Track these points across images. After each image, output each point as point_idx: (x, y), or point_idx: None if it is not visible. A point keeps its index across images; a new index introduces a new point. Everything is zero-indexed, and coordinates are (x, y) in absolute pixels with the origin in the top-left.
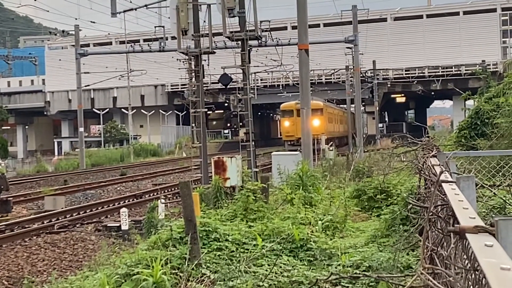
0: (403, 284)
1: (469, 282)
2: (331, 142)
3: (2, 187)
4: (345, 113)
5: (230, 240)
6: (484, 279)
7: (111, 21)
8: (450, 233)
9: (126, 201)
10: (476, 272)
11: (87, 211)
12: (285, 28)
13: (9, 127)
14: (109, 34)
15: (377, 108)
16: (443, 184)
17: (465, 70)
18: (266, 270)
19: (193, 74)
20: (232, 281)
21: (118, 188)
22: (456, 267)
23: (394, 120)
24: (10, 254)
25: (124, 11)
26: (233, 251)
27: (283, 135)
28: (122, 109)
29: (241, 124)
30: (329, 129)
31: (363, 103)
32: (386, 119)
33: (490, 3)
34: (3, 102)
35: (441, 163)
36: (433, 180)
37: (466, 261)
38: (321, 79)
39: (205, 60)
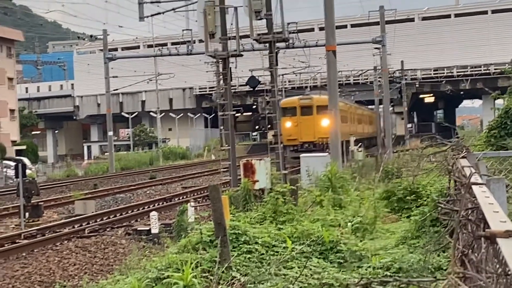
0: (433, 287)
1: (501, 287)
2: (360, 143)
3: (33, 192)
4: (364, 111)
5: (259, 242)
6: None
7: (138, 25)
8: (480, 237)
9: (156, 204)
10: (508, 277)
11: (117, 215)
12: (312, 29)
13: (39, 132)
14: (137, 38)
15: (406, 109)
16: (473, 186)
17: (494, 69)
18: (296, 273)
19: (221, 76)
20: (262, 283)
21: (148, 192)
22: (487, 271)
23: (423, 120)
24: (41, 258)
25: (152, 15)
26: (263, 254)
27: (283, 138)
28: (151, 113)
29: (269, 126)
30: (344, 130)
31: (391, 104)
32: (415, 119)
33: None
34: (33, 107)
35: (471, 164)
36: (463, 182)
37: (498, 266)
38: (349, 80)
39: (232, 63)
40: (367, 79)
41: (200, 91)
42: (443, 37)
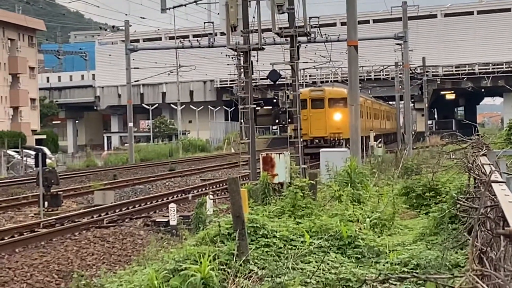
0: (450, 284)
1: None
2: (380, 139)
3: (53, 181)
4: (382, 106)
5: (277, 236)
6: None
7: (160, 16)
8: (499, 235)
9: (175, 196)
10: None
11: (136, 206)
12: (334, 24)
13: (59, 122)
14: (158, 29)
15: (426, 105)
16: (493, 184)
17: None
18: (314, 267)
19: (242, 70)
20: (280, 277)
21: (167, 183)
22: (505, 269)
23: (444, 117)
24: (60, 248)
25: (174, 7)
26: (280, 248)
27: (291, 133)
28: (171, 105)
29: (289, 120)
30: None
31: (412, 100)
32: (436, 116)
33: None
34: (54, 97)
35: (491, 162)
36: (483, 179)
37: None
38: (370, 76)
39: (254, 56)
40: (388, 74)
41: (221, 84)
42: (466, 34)
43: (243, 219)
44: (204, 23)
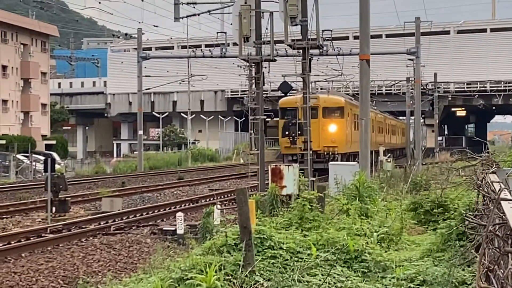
0: None
1: None
2: (389, 154)
3: (61, 186)
4: (387, 119)
5: (284, 248)
6: None
7: (173, 25)
8: (507, 253)
9: (182, 205)
10: None
11: (144, 213)
12: (346, 38)
13: (69, 128)
14: (171, 38)
15: (437, 121)
16: (502, 202)
17: None
18: (320, 280)
19: (253, 81)
20: None
21: (175, 192)
22: None
23: (454, 134)
24: (66, 253)
25: (187, 16)
26: (287, 260)
27: (281, 145)
28: (182, 114)
29: (299, 132)
30: (355, 139)
31: (423, 116)
32: (446, 132)
33: None
34: (65, 103)
35: (501, 180)
36: (492, 197)
37: None
38: (381, 90)
39: (265, 67)
40: (399, 89)
41: (231, 94)
42: (478, 51)
43: (250, 230)
44: (217, 33)
